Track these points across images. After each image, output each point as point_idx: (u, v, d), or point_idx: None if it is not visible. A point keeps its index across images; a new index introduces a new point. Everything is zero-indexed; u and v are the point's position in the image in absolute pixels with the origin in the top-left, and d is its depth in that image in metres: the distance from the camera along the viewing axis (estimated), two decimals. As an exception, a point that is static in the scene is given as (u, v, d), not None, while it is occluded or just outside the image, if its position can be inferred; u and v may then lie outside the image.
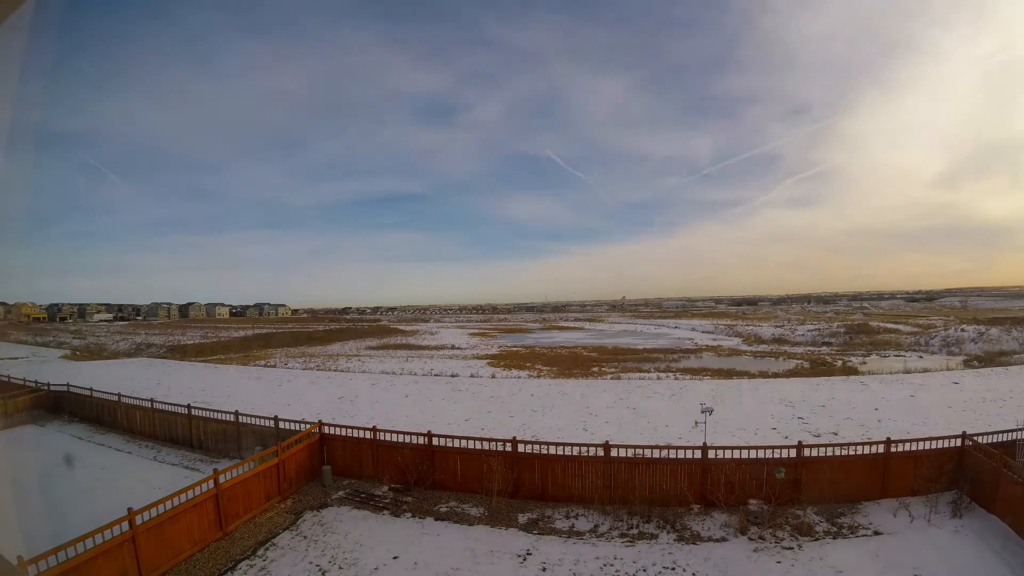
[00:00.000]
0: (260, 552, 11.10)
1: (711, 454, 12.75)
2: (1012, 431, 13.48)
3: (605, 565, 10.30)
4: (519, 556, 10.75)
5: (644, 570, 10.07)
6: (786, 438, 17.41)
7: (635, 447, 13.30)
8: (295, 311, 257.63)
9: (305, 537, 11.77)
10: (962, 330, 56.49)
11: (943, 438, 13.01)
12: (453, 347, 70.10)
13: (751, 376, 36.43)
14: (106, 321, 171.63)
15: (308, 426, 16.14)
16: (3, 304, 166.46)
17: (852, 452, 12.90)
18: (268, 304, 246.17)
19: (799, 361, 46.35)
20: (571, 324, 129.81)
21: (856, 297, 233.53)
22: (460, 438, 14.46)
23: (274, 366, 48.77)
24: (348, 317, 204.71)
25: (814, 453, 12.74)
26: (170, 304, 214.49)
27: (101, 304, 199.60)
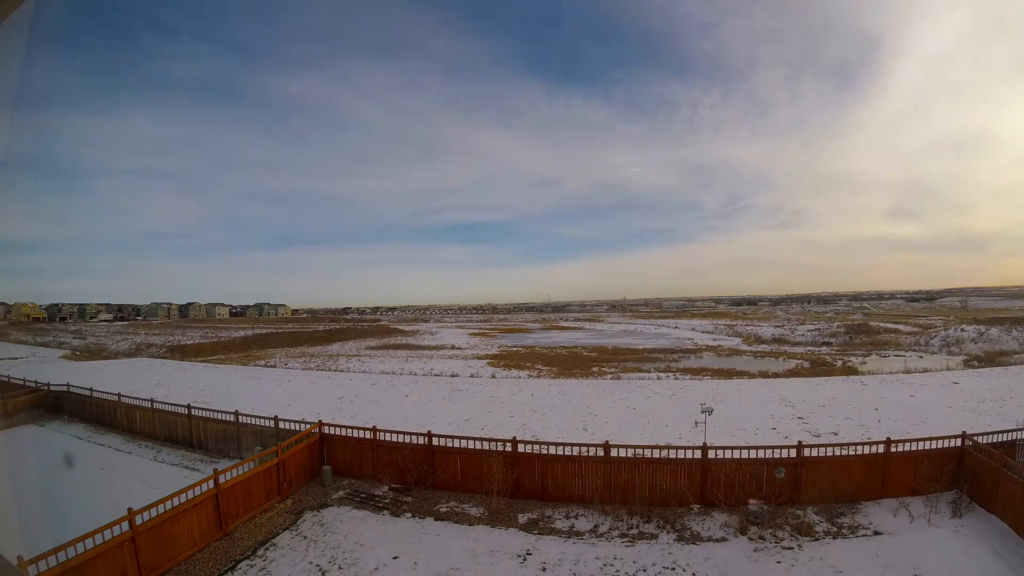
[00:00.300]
0: (260, 552, 11.11)
1: (711, 454, 12.75)
2: (1012, 431, 13.50)
3: (605, 565, 10.30)
4: (519, 556, 10.75)
5: (644, 570, 10.07)
6: (786, 438, 17.42)
7: (635, 447, 13.30)
8: (295, 311, 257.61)
9: (305, 537, 11.77)
10: (962, 330, 56.49)
11: (943, 438, 13.02)
12: (453, 347, 70.06)
13: (751, 376, 36.42)
14: (106, 321, 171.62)
15: (308, 426, 16.14)
16: (3, 304, 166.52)
17: (852, 452, 12.89)
18: (268, 304, 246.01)
19: (799, 361, 46.31)
20: (571, 324, 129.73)
21: (856, 297, 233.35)
22: (460, 438, 14.46)
23: (274, 366, 48.72)
24: (348, 317, 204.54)
25: (814, 453, 12.74)
26: (170, 304, 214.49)
27: (101, 304, 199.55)
